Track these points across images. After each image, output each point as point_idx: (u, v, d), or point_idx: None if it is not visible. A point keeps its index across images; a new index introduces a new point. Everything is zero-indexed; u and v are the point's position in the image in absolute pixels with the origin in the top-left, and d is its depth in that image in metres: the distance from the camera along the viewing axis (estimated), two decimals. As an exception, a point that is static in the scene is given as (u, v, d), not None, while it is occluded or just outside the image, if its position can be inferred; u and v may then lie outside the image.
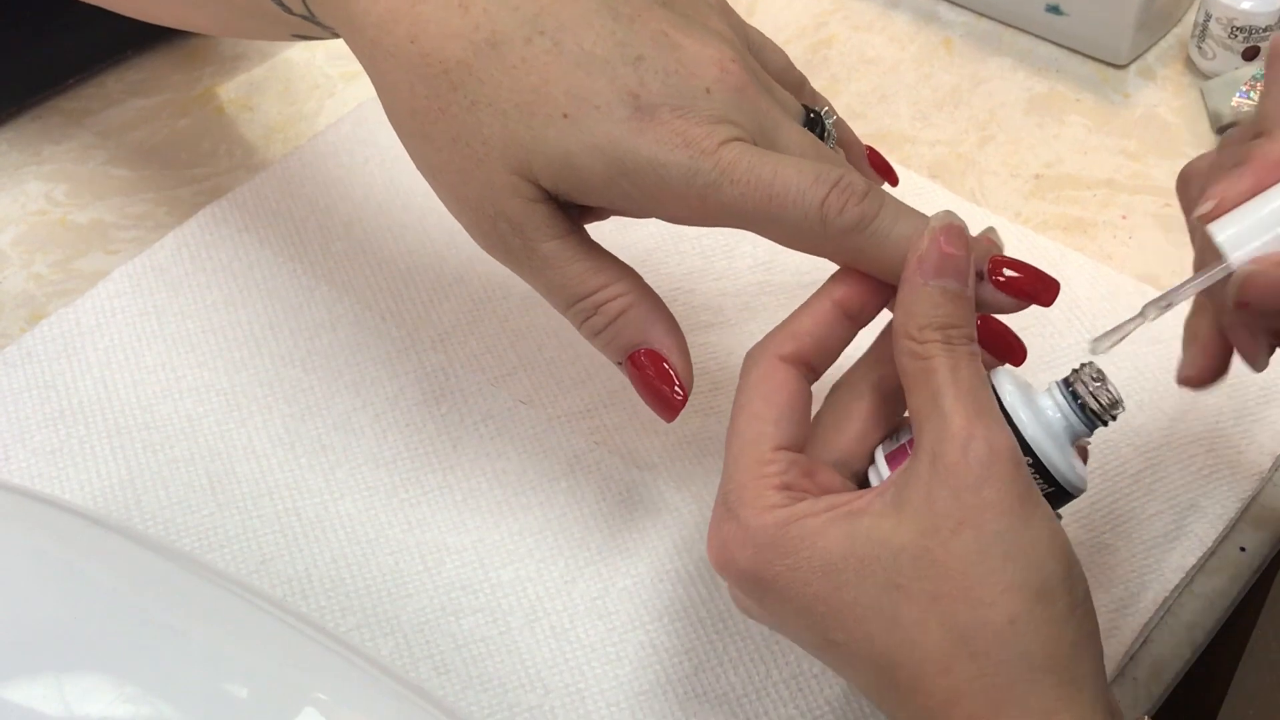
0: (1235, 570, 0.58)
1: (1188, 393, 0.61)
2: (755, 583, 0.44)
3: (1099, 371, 0.46)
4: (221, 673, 0.43)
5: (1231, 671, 0.72)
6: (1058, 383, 0.47)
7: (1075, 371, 0.46)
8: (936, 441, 0.43)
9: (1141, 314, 0.47)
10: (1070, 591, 0.42)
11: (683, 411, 0.50)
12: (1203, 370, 0.51)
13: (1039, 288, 0.46)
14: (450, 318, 0.65)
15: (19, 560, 0.45)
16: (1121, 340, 0.47)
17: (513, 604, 0.56)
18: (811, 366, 0.47)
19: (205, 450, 0.61)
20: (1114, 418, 0.46)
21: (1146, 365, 0.62)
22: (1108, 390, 0.46)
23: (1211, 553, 0.58)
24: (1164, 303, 0.46)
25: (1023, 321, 0.49)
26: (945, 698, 0.42)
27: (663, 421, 0.61)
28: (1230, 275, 0.45)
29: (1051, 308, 0.48)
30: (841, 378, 0.48)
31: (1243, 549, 0.59)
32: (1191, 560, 0.57)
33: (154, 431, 0.61)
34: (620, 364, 0.50)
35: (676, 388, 0.49)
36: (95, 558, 0.47)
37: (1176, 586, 0.57)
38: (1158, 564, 0.57)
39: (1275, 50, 0.45)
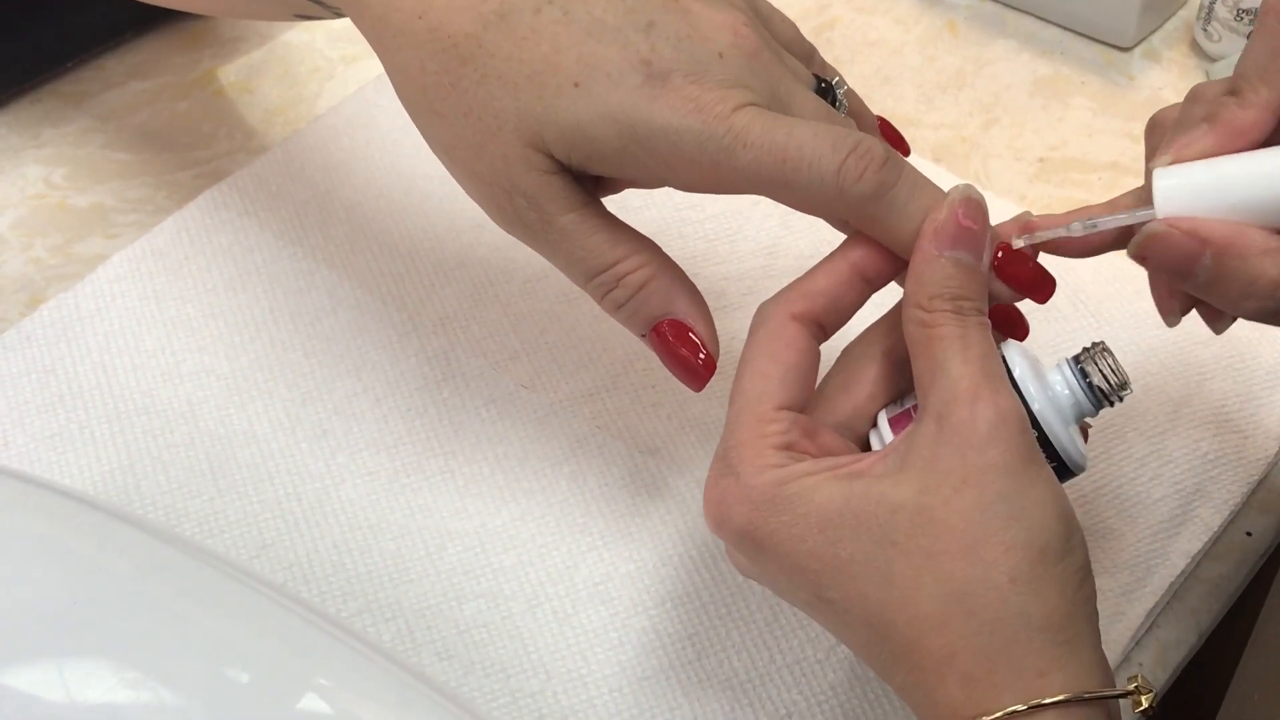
0: (1241, 555, 0.58)
1: (1194, 377, 0.61)
2: (750, 540, 0.44)
3: (1109, 351, 0.46)
4: (223, 658, 0.43)
5: (1237, 656, 0.72)
6: (1067, 360, 0.46)
7: (1086, 350, 0.46)
8: (943, 403, 0.43)
9: (1069, 227, 0.47)
10: (1071, 553, 0.42)
11: (687, 394, 0.49)
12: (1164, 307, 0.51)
13: (1037, 282, 0.46)
14: (452, 302, 0.65)
15: (20, 545, 0.45)
16: (1043, 242, 0.47)
17: (515, 589, 0.56)
18: (822, 326, 0.47)
19: (205, 435, 0.60)
20: (1121, 399, 0.46)
21: (1152, 349, 0.62)
22: (1117, 371, 0.46)
23: (1217, 538, 0.58)
24: (1090, 223, 0.47)
25: (1026, 307, 0.48)
26: (940, 656, 0.41)
27: (665, 406, 0.61)
28: None
29: (1057, 293, 0.47)
30: (853, 341, 0.48)
31: (1249, 534, 0.59)
32: (1197, 545, 0.57)
33: (154, 416, 0.61)
34: (644, 336, 0.49)
35: (703, 356, 0.49)
36: (96, 543, 0.47)
37: (1182, 572, 0.56)
38: (1163, 549, 0.57)
39: (1268, 5, 0.44)
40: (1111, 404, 0.46)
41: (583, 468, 0.60)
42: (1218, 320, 0.49)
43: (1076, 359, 0.46)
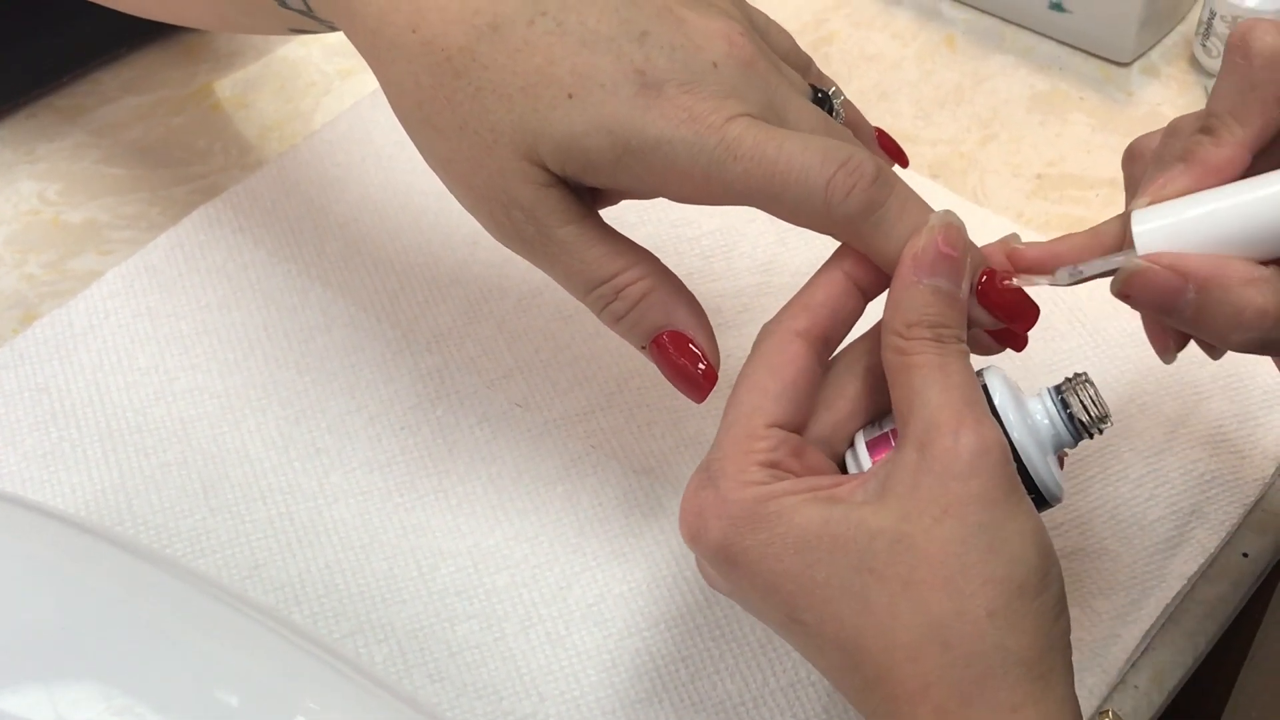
0: (1238, 577, 0.58)
1: (1190, 397, 0.61)
2: (725, 556, 0.43)
3: (1091, 383, 0.46)
4: (212, 682, 0.43)
5: (1234, 678, 0.72)
6: (1049, 389, 0.46)
7: (1069, 380, 0.46)
8: (924, 431, 0.42)
9: (1054, 276, 0.46)
10: (1048, 588, 0.42)
11: (682, 413, 0.49)
12: (1159, 344, 0.50)
13: (1018, 312, 0.46)
14: (446, 320, 0.65)
15: (9, 568, 0.45)
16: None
17: (508, 610, 0.56)
18: (825, 340, 0.46)
19: (198, 454, 0.60)
20: (1100, 431, 0.46)
21: (1150, 369, 0.62)
22: (1098, 403, 0.46)
23: (1214, 559, 0.58)
24: (1076, 272, 0.46)
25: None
26: (913, 687, 0.41)
27: (659, 425, 0.61)
28: None
29: (1055, 311, 0.47)
30: (836, 355, 0.48)
31: (1245, 555, 0.58)
32: (1194, 567, 0.56)
33: (146, 435, 0.61)
34: (644, 348, 0.49)
35: (704, 366, 0.48)
36: (86, 566, 0.46)
37: (1178, 594, 0.56)
38: (1160, 570, 0.56)
39: (1232, 43, 0.44)
40: (1090, 436, 0.46)
41: (577, 487, 0.59)
42: (1213, 349, 0.49)
43: (1058, 389, 0.46)
